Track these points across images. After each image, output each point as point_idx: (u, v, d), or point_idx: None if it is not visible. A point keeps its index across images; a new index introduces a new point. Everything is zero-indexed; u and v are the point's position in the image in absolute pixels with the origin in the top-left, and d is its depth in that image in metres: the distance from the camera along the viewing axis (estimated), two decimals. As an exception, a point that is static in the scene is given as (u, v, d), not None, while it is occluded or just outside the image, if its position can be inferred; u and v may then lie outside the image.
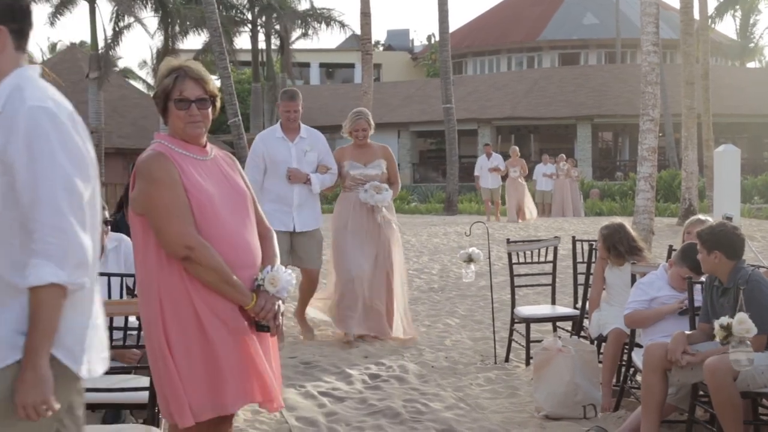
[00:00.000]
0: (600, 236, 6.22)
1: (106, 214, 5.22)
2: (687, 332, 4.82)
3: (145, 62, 34.91)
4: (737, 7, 43.69)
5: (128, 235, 5.29)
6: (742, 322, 4.27)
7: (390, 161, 7.73)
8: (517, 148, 22.21)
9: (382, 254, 7.51)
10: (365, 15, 22.81)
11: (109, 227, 5.29)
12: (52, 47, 53.70)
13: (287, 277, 3.38)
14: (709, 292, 4.88)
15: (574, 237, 7.51)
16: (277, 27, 38.91)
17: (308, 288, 7.74)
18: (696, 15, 21.63)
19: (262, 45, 39.96)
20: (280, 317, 3.39)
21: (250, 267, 3.37)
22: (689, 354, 4.65)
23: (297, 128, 7.50)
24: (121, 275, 4.98)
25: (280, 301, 3.39)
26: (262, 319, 3.32)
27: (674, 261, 5.41)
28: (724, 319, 4.32)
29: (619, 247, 6.12)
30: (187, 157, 3.38)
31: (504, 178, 21.23)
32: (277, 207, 7.32)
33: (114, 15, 31.89)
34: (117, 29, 32.03)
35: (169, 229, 3.25)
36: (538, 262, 7.48)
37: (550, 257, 7.39)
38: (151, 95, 3.37)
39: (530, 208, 21.08)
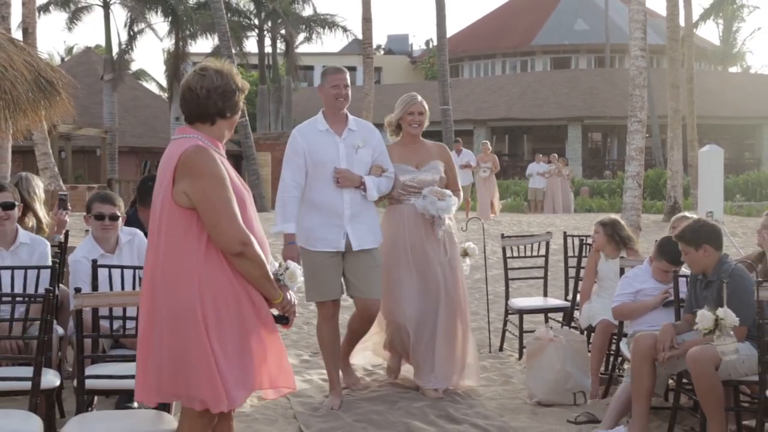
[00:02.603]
0: (599, 227, 6.19)
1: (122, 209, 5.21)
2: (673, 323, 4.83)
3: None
4: (720, 15, 43.67)
5: (140, 229, 5.34)
6: (727, 314, 4.28)
7: (449, 164, 5.88)
8: (488, 143, 20.74)
9: (447, 281, 5.70)
10: (366, 20, 22.80)
11: (124, 222, 5.29)
12: (69, 50, 53.61)
13: (301, 274, 3.43)
14: (693, 285, 4.88)
15: (565, 233, 7.52)
16: (283, 32, 38.88)
17: (361, 327, 5.69)
18: (681, 22, 21.62)
19: (268, 49, 40.00)
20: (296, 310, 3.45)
21: (268, 262, 3.37)
22: (674, 347, 4.65)
23: (344, 118, 5.44)
24: (134, 267, 4.98)
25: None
26: (287, 313, 3.36)
27: (653, 256, 5.42)
28: (706, 314, 4.32)
29: (621, 233, 6.13)
30: (218, 154, 3.30)
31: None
32: (323, 221, 5.35)
33: (128, 21, 31.91)
34: (131, 34, 32.05)
35: (226, 225, 3.17)
36: (531, 256, 7.47)
37: (543, 251, 7.38)
38: (209, 87, 3.16)
39: (497, 204, 20.18)
